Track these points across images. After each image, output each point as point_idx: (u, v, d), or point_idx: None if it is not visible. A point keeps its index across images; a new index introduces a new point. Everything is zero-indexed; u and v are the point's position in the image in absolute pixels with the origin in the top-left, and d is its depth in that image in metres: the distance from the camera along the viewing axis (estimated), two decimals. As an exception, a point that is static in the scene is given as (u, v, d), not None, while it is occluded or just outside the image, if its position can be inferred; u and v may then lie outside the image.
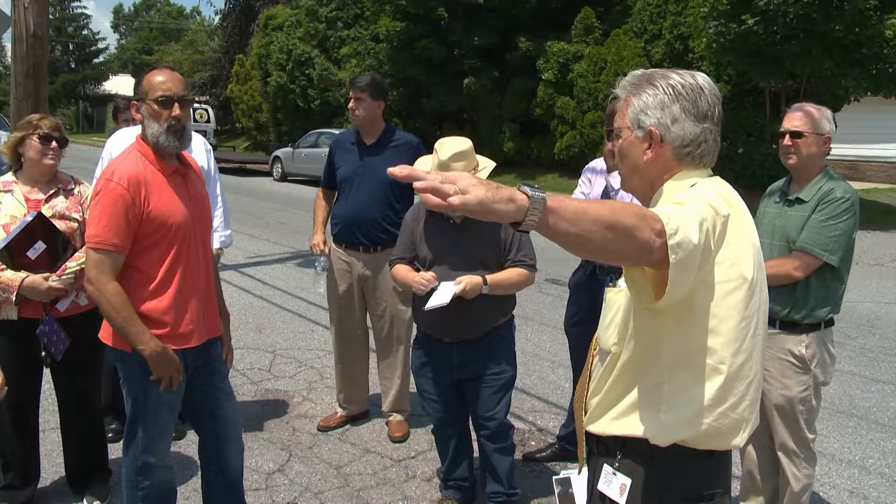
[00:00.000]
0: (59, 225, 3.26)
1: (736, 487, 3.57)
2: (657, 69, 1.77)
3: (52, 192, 3.34)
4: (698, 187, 1.66)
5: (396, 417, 4.53)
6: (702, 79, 1.73)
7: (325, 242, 4.46)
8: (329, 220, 4.58)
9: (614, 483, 1.73)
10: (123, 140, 3.97)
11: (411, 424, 4.55)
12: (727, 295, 1.61)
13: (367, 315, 4.57)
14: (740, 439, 1.68)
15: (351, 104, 4.30)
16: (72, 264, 3.24)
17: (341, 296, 4.49)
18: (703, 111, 1.69)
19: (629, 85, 1.77)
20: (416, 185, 1.31)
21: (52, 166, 3.32)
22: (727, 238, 1.58)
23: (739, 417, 1.66)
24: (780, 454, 3.17)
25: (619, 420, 1.72)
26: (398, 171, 1.33)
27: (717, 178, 1.74)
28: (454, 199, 1.27)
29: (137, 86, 2.80)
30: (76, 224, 3.34)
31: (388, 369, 4.52)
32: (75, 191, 3.42)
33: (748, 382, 1.66)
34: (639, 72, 1.79)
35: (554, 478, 2.10)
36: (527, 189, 1.33)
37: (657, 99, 1.70)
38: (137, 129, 2.87)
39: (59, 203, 3.33)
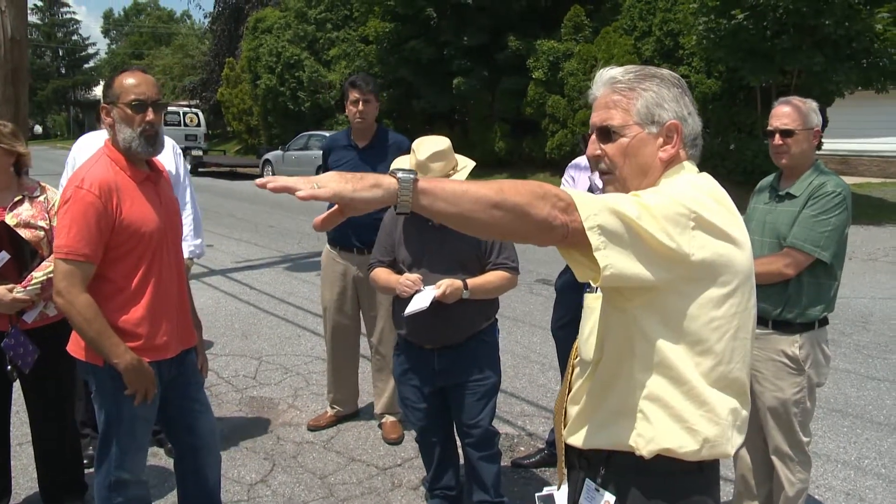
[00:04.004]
0: (24, 234, 3.14)
1: (729, 492, 3.48)
2: (642, 66, 1.67)
3: (16, 199, 3.22)
4: (676, 183, 1.57)
5: (390, 419, 4.48)
6: None
7: None
8: None
9: (597, 499, 1.63)
10: (88, 145, 3.86)
11: (398, 431, 4.47)
12: (702, 295, 1.50)
13: (360, 316, 4.55)
14: (730, 447, 1.57)
15: (360, 107, 4.20)
16: (38, 274, 3.13)
17: (336, 297, 4.48)
18: (694, 106, 1.65)
19: (624, 79, 1.63)
20: (269, 186, 1.35)
21: None
22: (703, 236, 1.47)
23: (726, 423, 1.55)
24: (774, 458, 3.08)
25: (600, 432, 1.63)
26: (264, 181, 1.36)
27: (705, 174, 1.64)
28: (301, 193, 1.31)
29: (108, 88, 2.68)
30: (42, 233, 3.22)
31: (383, 371, 4.47)
32: (41, 198, 3.30)
33: (727, 387, 1.56)
34: (621, 67, 1.67)
35: (537, 495, 2.00)
36: (396, 172, 1.35)
37: (671, 92, 1.61)
38: (104, 133, 2.76)
39: (24, 211, 3.22)
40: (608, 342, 1.60)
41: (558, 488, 1.84)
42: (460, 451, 3.44)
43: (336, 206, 1.38)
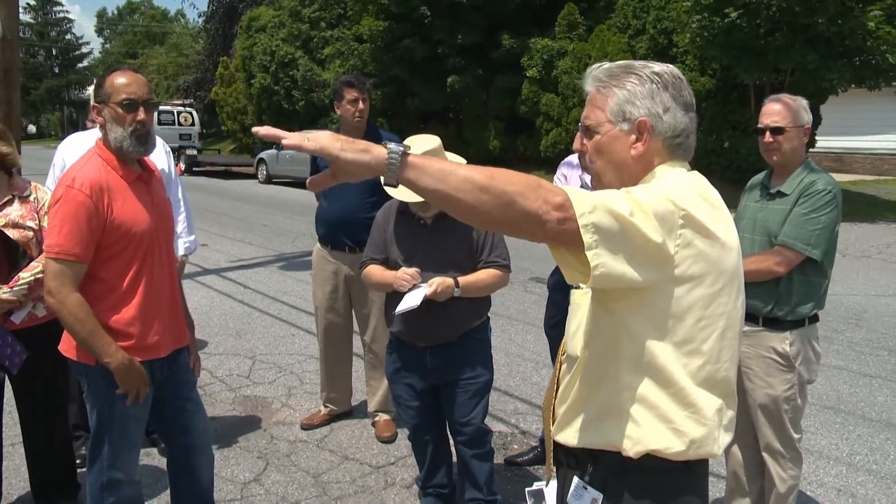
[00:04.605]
0: (13, 234, 3.13)
1: (721, 489, 3.49)
2: (631, 61, 1.66)
3: (5, 199, 3.20)
4: (666, 180, 1.57)
5: (383, 417, 4.48)
6: (678, 70, 1.66)
7: None
8: (315, 221, 4.58)
9: (585, 497, 1.63)
10: (75, 145, 3.84)
11: (391, 430, 4.47)
12: (689, 295, 1.50)
13: (352, 315, 4.56)
14: (716, 448, 1.57)
15: (360, 105, 4.20)
16: (25, 275, 3.11)
17: (327, 296, 4.48)
18: (688, 101, 1.63)
19: (605, 76, 1.64)
20: (260, 132, 1.40)
21: None
22: (691, 234, 1.47)
23: (713, 423, 1.56)
24: (765, 455, 3.09)
25: (587, 430, 1.63)
26: (258, 129, 1.42)
27: (696, 173, 1.64)
28: (288, 141, 1.35)
29: (99, 88, 2.68)
30: (31, 233, 3.20)
31: (376, 369, 4.47)
32: (31, 197, 3.27)
33: (715, 386, 1.56)
34: (611, 63, 1.67)
35: (527, 489, 2.01)
36: (388, 143, 1.37)
37: (646, 88, 1.59)
38: (91, 133, 2.75)
39: (13, 211, 3.19)
40: (595, 342, 1.60)
41: (546, 484, 1.84)
42: (453, 449, 3.44)
43: (329, 169, 1.41)
